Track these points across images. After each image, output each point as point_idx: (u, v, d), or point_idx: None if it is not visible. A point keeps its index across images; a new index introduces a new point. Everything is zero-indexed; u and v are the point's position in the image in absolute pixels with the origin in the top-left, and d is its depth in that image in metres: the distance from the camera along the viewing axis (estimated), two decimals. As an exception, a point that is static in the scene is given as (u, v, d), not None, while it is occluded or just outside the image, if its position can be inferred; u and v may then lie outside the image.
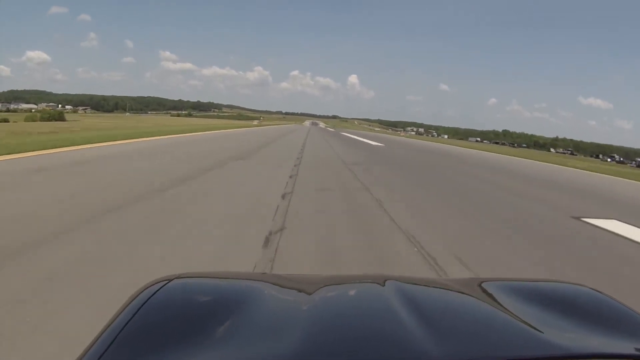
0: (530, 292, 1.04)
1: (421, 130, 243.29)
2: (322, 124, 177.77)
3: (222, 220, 4.91)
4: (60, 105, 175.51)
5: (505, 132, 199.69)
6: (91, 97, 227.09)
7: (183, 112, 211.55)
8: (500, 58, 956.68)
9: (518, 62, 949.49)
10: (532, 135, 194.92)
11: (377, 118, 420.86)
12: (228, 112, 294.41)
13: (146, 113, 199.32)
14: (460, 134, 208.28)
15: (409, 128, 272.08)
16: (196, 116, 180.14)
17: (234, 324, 0.77)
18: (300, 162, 12.46)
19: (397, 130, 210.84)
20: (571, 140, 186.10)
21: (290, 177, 9.02)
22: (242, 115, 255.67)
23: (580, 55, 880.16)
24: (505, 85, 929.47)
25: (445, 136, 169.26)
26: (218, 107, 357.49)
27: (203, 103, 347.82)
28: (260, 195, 6.68)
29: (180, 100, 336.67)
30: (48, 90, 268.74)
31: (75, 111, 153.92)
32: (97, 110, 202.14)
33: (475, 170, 16.80)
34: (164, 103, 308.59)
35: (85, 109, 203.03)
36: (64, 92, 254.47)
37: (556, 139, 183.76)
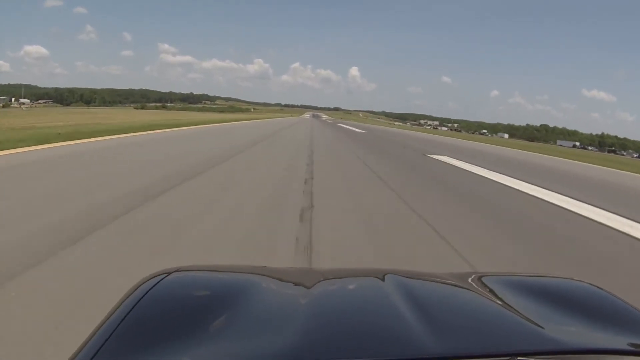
0: (530, 287, 1.04)
1: (446, 125, 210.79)
2: (324, 116, 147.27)
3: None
4: (12, 99, 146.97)
5: (546, 128, 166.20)
6: (56, 90, 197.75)
7: (157, 104, 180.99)
8: (502, 50, 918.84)
9: (520, 54, 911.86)
10: (575, 132, 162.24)
11: (381, 110, 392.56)
12: (219, 105, 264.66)
13: (110, 106, 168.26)
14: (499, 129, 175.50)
15: (423, 121, 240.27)
16: (172, 109, 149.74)
17: (233, 318, 0.76)
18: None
19: (423, 126, 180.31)
20: (616, 136, 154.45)
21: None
22: (234, 107, 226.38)
23: (583, 48, 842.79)
24: (507, 77, 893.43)
25: (505, 135, 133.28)
26: (212, 99, 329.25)
27: (195, 95, 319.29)
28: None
29: (171, 92, 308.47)
30: (34, 84, 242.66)
31: (17, 105, 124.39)
32: (61, 103, 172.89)
33: None
34: (148, 95, 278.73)
35: (47, 102, 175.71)
36: (54, 86, 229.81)
37: (603, 136, 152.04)
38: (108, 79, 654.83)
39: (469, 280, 1.08)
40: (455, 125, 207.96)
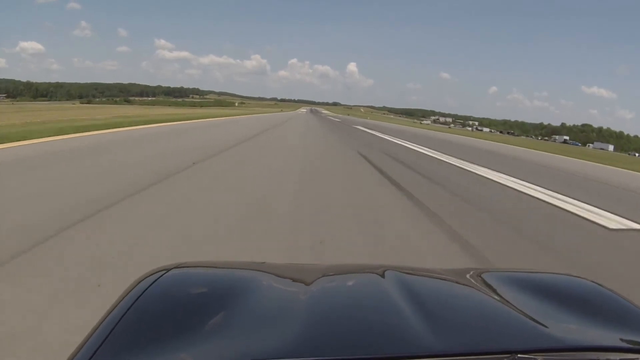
0: (530, 283, 1.03)
1: (460, 123, 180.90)
2: (324, 111, 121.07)
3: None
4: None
5: (591, 129, 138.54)
6: (13, 82, 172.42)
7: (117, 98, 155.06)
8: (501, 46, 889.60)
9: (519, 50, 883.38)
10: (620, 133, 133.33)
11: (382, 105, 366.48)
12: (207, 99, 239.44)
13: (66, 100, 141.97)
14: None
15: (434, 118, 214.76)
16: (142, 103, 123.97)
17: (232, 315, 0.76)
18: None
19: (449, 125, 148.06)
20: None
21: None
22: (222, 101, 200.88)
23: (583, 44, 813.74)
24: (506, 73, 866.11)
25: (610, 147, 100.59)
26: (203, 93, 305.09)
27: (185, 89, 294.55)
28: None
29: (159, 85, 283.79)
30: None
31: None
32: (15, 98, 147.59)
33: None
34: (129, 89, 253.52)
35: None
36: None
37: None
38: (104, 75, 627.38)
39: (469, 276, 1.06)
40: (476, 123, 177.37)
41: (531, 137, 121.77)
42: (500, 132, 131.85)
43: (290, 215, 4.52)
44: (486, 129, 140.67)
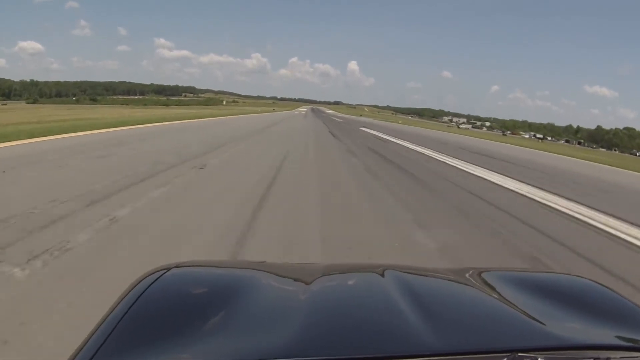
0: (530, 282, 1.03)
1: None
2: (328, 111, 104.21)
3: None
4: None
5: (636, 133, 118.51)
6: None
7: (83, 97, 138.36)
8: (502, 45, 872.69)
9: (520, 49, 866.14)
10: None
11: (386, 104, 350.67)
12: (200, 97, 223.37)
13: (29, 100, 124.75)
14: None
15: (448, 119, 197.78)
16: (114, 102, 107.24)
17: (232, 314, 0.76)
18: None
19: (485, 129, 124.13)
20: None
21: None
22: (210, 100, 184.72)
23: (584, 43, 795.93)
24: (507, 72, 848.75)
25: None
26: (197, 92, 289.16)
27: (180, 87, 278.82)
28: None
29: (152, 83, 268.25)
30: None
31: None
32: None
33: None
34: (115, 87, 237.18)
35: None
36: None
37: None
38: (104, 74, 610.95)
39: (469, 276, 1.06)
40: (499, 126, 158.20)
41: (612, 150, 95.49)
42: (566, 141, 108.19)
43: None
44: (538, 135, 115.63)
